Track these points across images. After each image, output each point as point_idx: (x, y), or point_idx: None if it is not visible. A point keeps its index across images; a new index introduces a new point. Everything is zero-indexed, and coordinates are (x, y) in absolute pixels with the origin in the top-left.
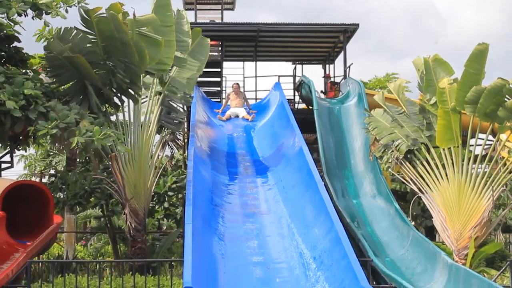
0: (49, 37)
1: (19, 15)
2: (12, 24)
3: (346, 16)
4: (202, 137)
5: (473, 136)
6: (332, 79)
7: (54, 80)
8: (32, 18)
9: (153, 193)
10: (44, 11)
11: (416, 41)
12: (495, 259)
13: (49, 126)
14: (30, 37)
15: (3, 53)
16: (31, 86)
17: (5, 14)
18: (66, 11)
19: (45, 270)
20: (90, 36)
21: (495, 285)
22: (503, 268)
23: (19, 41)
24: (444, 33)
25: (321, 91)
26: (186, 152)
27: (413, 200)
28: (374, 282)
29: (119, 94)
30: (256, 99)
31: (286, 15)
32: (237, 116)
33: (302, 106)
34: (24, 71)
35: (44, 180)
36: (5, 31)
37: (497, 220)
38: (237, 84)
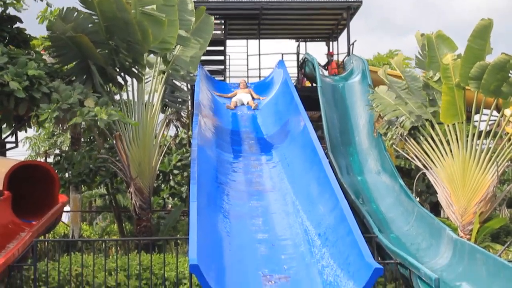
0: (51, 18)
1: None
2: (15, 1)
3: None
4: (206, 115)
5: (477, 112)
6: (335, 57)
7: (57, 60)
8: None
9: (158, 172)
10: None
11: (421, 17)
12: (500, 234)
13: (51, 109)
14: (33, 19)
15: (5, 34)
16: (34, 67)
17: None
18: None
19: (51, 249)
20: (93, 16)
21: (500, 260)
22: (508, 243)
23: (21, 22)
24: (449, 8)
25: (322, 66)
26: (191, 130)
27: (417, 176)
28: (379, 258)
29: (122, 74)
30: (259, 77)
31: None
32: (242, 104)
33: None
34: (27, 51)
35: (49, 160)
36: (8, 11)
37: (501, 195)
38: (244, 80)
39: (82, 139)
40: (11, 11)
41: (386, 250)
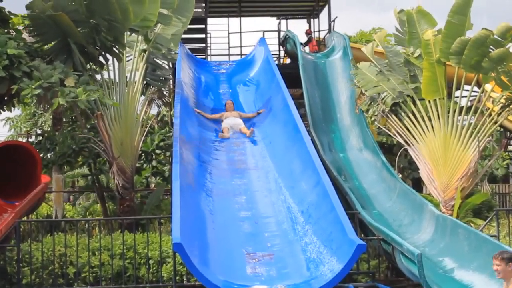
0: None
1: None
2: None
3: None
4: (188, 93)
5: (458, 88)
6: (313, 34)
7: (37, 39)
8: None
9: (140, 152)
10: None
11: None
12: (482, 209)
13: (33, 86)
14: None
15: None
16: (14, 46)
17: None
18: None
19: (34, 229)
20: None
21: (481, 234)
22: (490, 218)
23: (0, 0)
24: None
25: (303, 44)
26: (173, 109)
27: (399, 152)
28: (362, 235)
29: (103, 53)
30: (241, 55)
31: None
32: (235, 131)
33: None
34: (6, 31)
35: (31, 140)
36: None
37: (483, 171)
38: (231, 101)
39: (64, 119)
40: None
41: (368, 227)
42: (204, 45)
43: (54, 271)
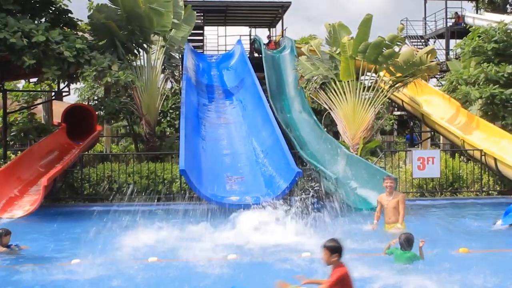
0: (92, 8)
1: None
2: None
3: None
4: (191, 75)
5: (363, 74)
6: (272, 38)
7: (95, 38)
8: None
9: (160, 111)
10: None
11: (331, 13)
12: (376, 151)
13: (91, 69)
14: (76, 10)
15: (61, 20)
16: (79, 42)
17: None
18: None
19: (91, 159)
20: (118, 10)
21: (375, 166)
22: (379, 156)
23: (71, 13)
24: (350, 7)
25: (265, 44)
26: (181, 84)
27: (325, 114)
28: (300, 166)
29: (137, 47)
30: (225, 50)
31: None
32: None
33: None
34: (75, 32)
35: (91, 103)
36: (60, 5)
37: (376, 127)
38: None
39: (112, 90)
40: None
41: (304, 160)
42: (202, 43)
43: (104, 186)
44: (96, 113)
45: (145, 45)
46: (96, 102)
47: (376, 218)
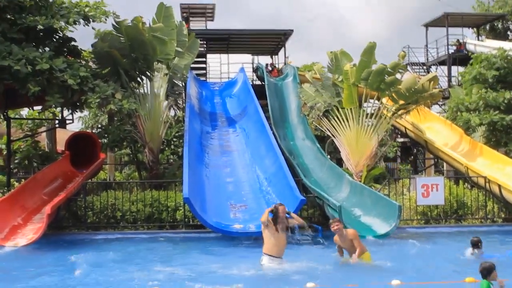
0: (98, 35)
1: (74, 23)
2: (69, 26)
3: (288, 22)
4: (194, 102)
5: (365, 101)
6: (274, 66)
7: (98, 66)
8: (83, 25)
9: (163, 140)
10: (91, 20)
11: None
12: (379, 178)
13: (95, 97)
14: (80, 38)
15: (65, 49)
16: (83, 70)
17: (66, 20)
18: (105, 20)
19: (95, 187)
20: (121, 38)
21: (379, 194)
22: (383, 183)
23: (75, 41)
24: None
25: (268, 71)
26: (184, 112)
27: (328, 141)
28: (304, 193)
29: (140, 75)
30: (228, 78)
31: (254, 20)
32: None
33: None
34: (79, 60)
35: (94, 131)
36: (64, 34)
37: (380, 154)
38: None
39: (115, 118)
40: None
41: (308, 188)
42: (205, 71)
43: (107, 214)
44: (100, 141)
45: (148, 73)
46: (100, 130)
47: (341, 256)
